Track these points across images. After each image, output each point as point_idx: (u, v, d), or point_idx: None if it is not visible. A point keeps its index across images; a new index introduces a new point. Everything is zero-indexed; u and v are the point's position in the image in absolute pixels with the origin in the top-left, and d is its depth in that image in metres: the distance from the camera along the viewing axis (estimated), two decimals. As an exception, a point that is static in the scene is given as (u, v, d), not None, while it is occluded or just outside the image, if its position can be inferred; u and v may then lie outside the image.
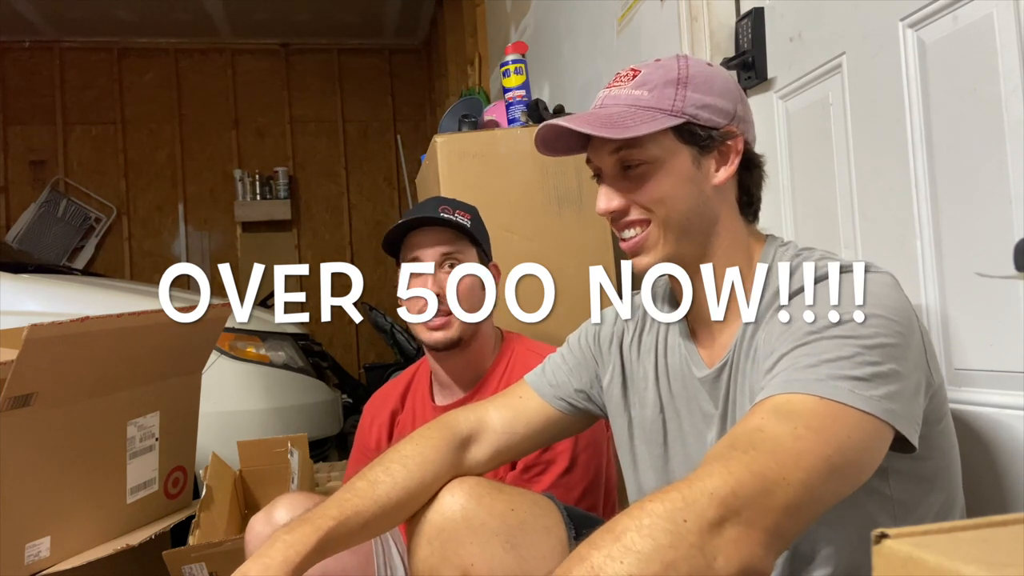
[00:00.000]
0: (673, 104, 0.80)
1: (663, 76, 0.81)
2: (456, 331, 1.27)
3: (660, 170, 0.81)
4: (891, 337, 0.69)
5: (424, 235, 1.29)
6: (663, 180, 0.81)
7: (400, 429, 1.39)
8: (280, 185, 5.34)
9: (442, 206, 1.29)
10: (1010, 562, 0.32)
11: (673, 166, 0.81)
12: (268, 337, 2.64)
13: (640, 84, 0.81)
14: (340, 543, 0.84)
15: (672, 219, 0.82)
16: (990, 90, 0.90)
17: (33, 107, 5.10)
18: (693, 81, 0.81)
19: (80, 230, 5.11)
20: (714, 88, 0.82)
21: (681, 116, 0.80)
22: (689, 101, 0.80)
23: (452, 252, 1.28)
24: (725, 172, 0.82)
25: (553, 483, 1.18)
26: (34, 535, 1.40)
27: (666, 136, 0.81)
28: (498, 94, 2.32)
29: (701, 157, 0.81)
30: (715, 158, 0.82)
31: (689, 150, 0.81)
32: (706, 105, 0.80)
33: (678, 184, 0.81)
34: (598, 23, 2.14)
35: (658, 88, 0.80)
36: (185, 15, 4.96)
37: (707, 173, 0.82)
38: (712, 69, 0.84)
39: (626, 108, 0.81)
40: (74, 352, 1.40)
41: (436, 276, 1.26)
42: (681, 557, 0.58)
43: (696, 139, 0.81)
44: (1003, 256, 0.89)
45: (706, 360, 0.87)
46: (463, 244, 1.29)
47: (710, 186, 0.82)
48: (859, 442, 0.65)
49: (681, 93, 0.80)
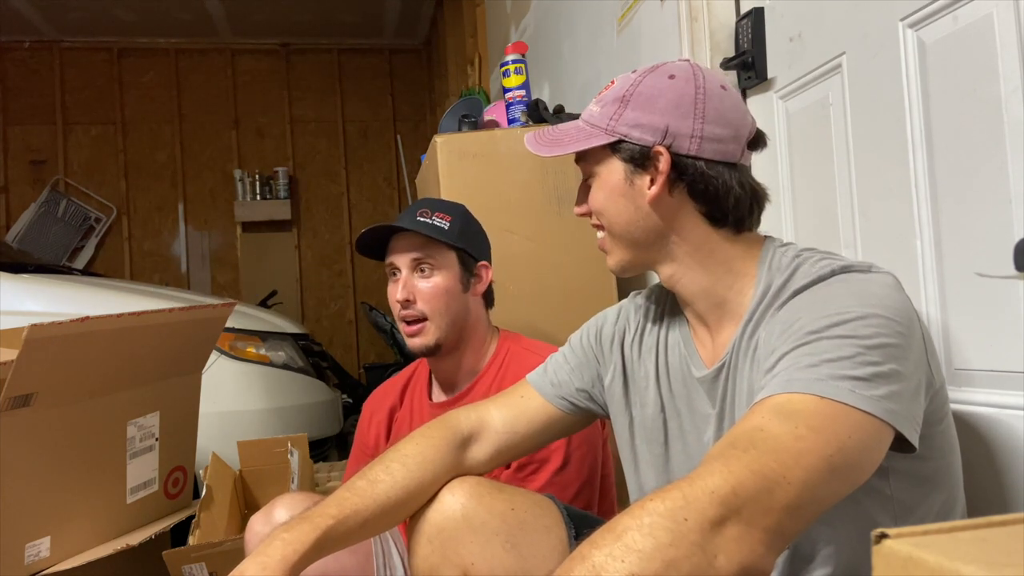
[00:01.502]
0: (609, 122, 0.84)
1: (615, 93, 0.85)
2: (432, 337, 1.29)
3: (597, 183, 0.87)
4: (892, 337, 0.69)
5: (398, 241, 1.31)
6: (598, 193, 0.87)
7: (398, 426, 1.40)
8: (280, 185, 5.34)
9: (422, 210, 1.31)
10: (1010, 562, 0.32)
11: (606, 180, 0.86)
12: (268, 337, 2.64)
13: (600, 100, 0.87)
14: (339, 542, 0.84)
15: (614, 229, 0.88)
16: (990, 90, 0.90)
17: (33, 107, 5.11)
18: (635, 99, 0.83)
19: (80, 230, 5.12)
20: (655, 106, 0.82)
21: (613, 134, 0.84)
22: (623, 120, 0.83)
23: (422, 258, 1.29)
24: (655, 190, 0.83)
25: (548, 481, 1.19)
26: (34, 535, 1.40)
27: (603, 152, 0.86)
28: (498, 94, 2.32)
29: (634, 175, 0.84)
30: (651, 174, 0.83)
31: (623, 167, 0.85)
32: (639, 124, 0.82)
33: (612, 198, 0.86)
34: (598, 23, 2.14)
35: (606, 106, 0.85)
36: (185, 15, 4.97)
37: (640, 189, 0.84)
38: (667, 84, 0.83)
39: (582, 123, 0.87)
40: (74, 352, 1.40)
41: (407, 281, 1.29)
42: (682, 555, 0.58)
43: (626, 156, 0.84)
44: (1003, 256, 0.89)
45: (705, 360, 0.87)
46: (435, 248, 1.29)
47: (645, 202, 0.84)
48: (860, 442, 0.65)
49: (619, 112, 0.84)
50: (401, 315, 1.31)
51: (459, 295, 1.31)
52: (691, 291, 0.87)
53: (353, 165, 5.60)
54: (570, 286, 1.77)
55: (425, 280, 1.29)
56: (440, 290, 1.29)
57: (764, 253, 0.85)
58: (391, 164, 5.62)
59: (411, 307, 1.29)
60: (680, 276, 0.87)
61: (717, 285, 0.85)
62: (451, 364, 1.33)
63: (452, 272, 1.31)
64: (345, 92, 5.61)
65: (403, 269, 1.30)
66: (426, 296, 1.29)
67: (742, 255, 0.85)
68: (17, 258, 2.97)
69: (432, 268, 1.29)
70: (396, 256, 1.31)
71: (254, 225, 5.37)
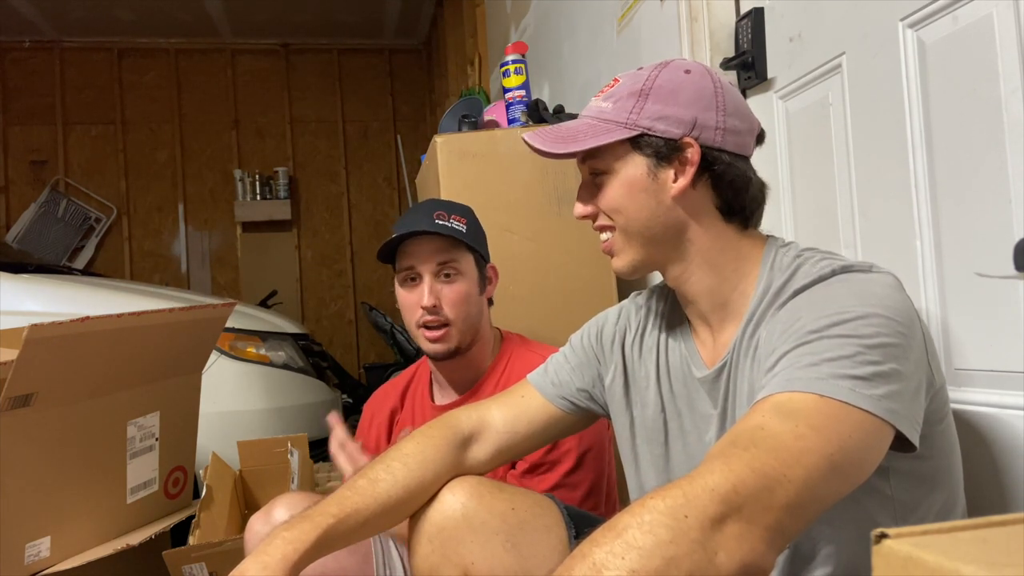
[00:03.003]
0: (628, 116, 0.82)
1: (629, 88, 0.84)
2: (454, 341, 1.27)
3: (615, 180, 0.85)
4: (892, 337, 0.69)
5: (419, 244, 1.27)
6: (617, 190, 0.85)
7: (399, 428, 1.39)
8: (280, 185, 5.35)
9: (437, 212, 1.28)
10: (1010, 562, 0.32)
11: (627, 176, 0.84)
12: (268, 337, 2.64)
13: (609, 96, 0.85)
14: (339, 540, 0.84)
15: (631, 228, 0.85)
16: (990, 90, 0.91)
17: (33, 107, 5.11)
18: (656, 92, 0.82)
19: (80, 230, 5.12)
20: (678, 98, 0.82)
21: (634, 128, 0.82)
22: (645, 113, 0.82)
23: (448, 261, 1.27)
24: (682, 182, 0.82)
25: (558, 482, 1.18)
26: (34, 535, 1.40)
27: (622, 147, 0.83)
28: (498, 94, 2.32)
29: (657, 168, 0.83)
30: (675, 168, 0.83)
31: (645, 161, 0.83)
32: (663, 116, 0.81)
33: (632, 194, 0.84)
34: (598, 23, 2.14)
35: (621, 100, 0.83)
36: (185, 15, 4.97)
37: (664, 183, 0.83)
38: (685, 78, 0.83)
39: (592, 120, 0.85)
40: (74, 352, 1.40)
41: (432, 287, 1.26)
42: (682, 553, 0.58)
43: (650, 150, 0.82)
44: (1003, 256, 0.89)
45: (706, 360, 0.87)
46: (459, 252, 1.28)
47: (668, 196, 0.83)
48: (860, 441, 0.65)
49: (639, 105, 0.82)
50: (425, 321, 1.26)
51: (477, 299, 1.30)
52: (696, 290, 0.86)
53: (353, 165, 5.61)
54: (570, 286, 1.77)
55: (449, 285, 1.27)
56: (464, 295, 1.27)
57: (767, 253, 0.85)
58: (391, 164, 5.62)
59: (437, 313, 1.26)
60: (688, 275, 0.86)
61: (723, 285, 0.85)
62: (461, 366, 1.32)
63: (472, 276, 1.30)
64: (345, 92, 5.61)
65: (425, 274, 1.27)
66: (451, 301, 1.26)
67: (747, 254, 0.85)
68: (17, 258, 2.96)
69: (456, 273, 1.27)
70: (417, 260, 1.27)
71: (254, 225, 5.37)
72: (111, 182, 5.22)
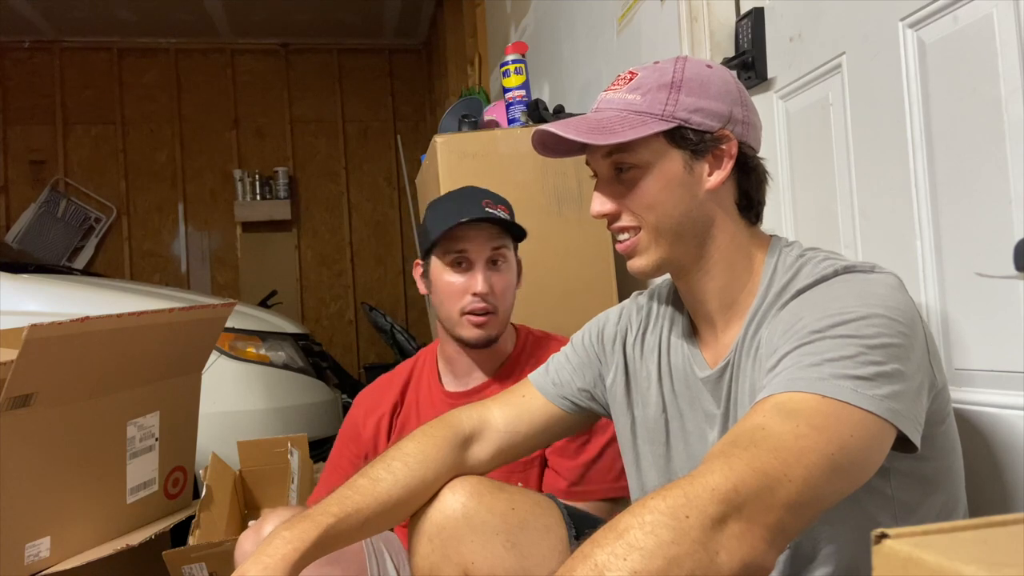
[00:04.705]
0: (664, 108, 0.80)
1: (657, 80, 0.81)
2: (495, 329, 1.29)
3: (650, 174, 0.81)
4: (894, 337, 0.69)
5: (473, 230, 1.26)
6: (652, 185, 0.81)
7: (402, 422, 1.38)
8: (280, 185, 5.35)
9: (485, 200, 1.28)
10: (1010, 562, 0.32)
11: (663, 170, 0.81)
12: (268, 337, 2.64)
13: (635, 88, 0.82)
14: (340, 540, 0.84)
15: (663, 224, 0.82)
16: (990, 90, 0.91)
17: (33, 107, 5.11)
18: (687, 85, 0.81)
19: (80, 230, 5.12)
20: (709, 91, 0.81)
21: (672, 120, 0.80)
22: (681, 105, 0.80)
23: (500, 248, 1.29)
24: (719, 176, 0.81)
25: (599, 452, 1.21)
26: (34, 535, 1.40)
27: (657, 140, 0.81)
28: (498, 94, 2.32)
29: (693, 161, 0.81)
30: (709, 162, 0.81)
31: (681, 154, 0.81)
32: (699, 109, 0.80)
33: (668, 188, 0.81)
34: (598, 23, 2.14)
35: (651, 92, 0.81)
36: (185, 15, 4.97)
37: (700, 177, 0.82)
38: (710, 71, 0.83)
39: (618, 112, 0.81)
40: (74, 352, 1.40)
41: (485, 274, 1.27)
42: (684, 553, 0.58)
43: (688, 143, 0.80)
44: (1003, 256, 0.89)
45: (708, 360, 0.87)
46: (507, 240, 1.30)
47: (703, 190, 0.82)
48: (861, 441, 0.65)
49: (674, 97, 0.80)
50: (473, 307, 1.25)
51: (515, 288, 1.33)
52: (709, 288, 0.85)
53: (353, 165, 5.61)
54: (570, 286, 1.77)
55: (498, 273, 1.28)
56: (510, 284, 1.30)
57: (771, 252, 0.85)
58: (391, 164, 5.62)
59: (487, 300, 1.26)
60: (704, 273, 0.85)
61: (734, 283, 0.84)
62: (489, 353, 1.33)
63: (514, 266, 1.33)
64: (345, 92, 5.61)
65: (478, 260, 1.26)
66: (500, 289, 1.27)
67: (755, 252, 0.85)
68: (17, 258, 2.97)
69: (504, 261, 1.29)
70: (472, 246, 1.26)
71: (254, 225, 5.37)
72: (111, 182, 5.22)
